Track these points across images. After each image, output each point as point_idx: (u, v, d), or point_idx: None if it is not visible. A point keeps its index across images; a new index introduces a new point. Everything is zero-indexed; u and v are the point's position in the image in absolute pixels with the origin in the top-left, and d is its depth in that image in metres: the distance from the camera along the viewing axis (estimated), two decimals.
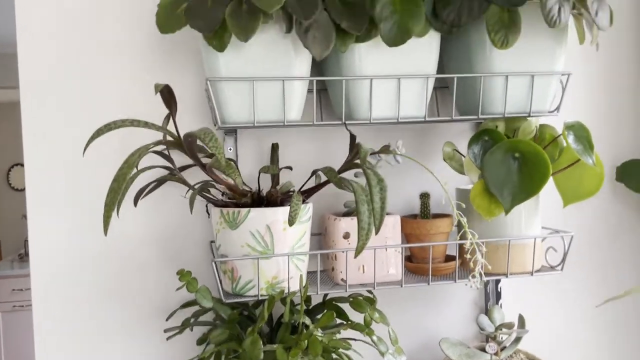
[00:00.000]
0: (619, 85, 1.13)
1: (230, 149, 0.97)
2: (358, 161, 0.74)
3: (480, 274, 0.86)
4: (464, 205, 0.92)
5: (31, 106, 0.91)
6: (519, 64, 0.87)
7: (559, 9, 0.77)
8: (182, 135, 0.71)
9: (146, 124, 0.69)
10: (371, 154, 0.77)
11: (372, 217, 0.69)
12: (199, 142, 0.79)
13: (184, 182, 0.84)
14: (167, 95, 0.70)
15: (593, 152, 0.84)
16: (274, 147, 0.95)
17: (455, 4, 0.80)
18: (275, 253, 0.81)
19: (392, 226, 0.90)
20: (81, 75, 0.92)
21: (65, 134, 0.92)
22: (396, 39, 0.78)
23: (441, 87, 1.04)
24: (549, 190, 0.95)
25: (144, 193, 0.86)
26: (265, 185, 0.94)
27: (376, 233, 0.71)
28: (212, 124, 0.93)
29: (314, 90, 0.84)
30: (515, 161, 0.82)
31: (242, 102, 0.81)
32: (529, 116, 0.90)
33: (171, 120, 0.75)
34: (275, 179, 0.93)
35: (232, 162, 0.68)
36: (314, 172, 0.82)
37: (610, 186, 1.13)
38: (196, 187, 0.84)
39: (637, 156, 1.12)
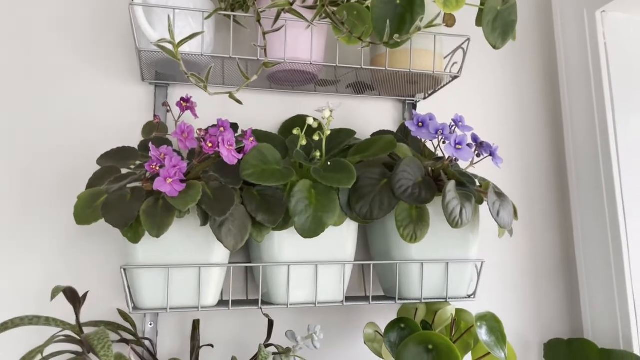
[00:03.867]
0: (542, 262, 1.18)
1: (151, 324, 0.95)
2: None
3: None
4: None
5: None
6: (434, 251, 0.91)
7: (461, 210, 0.82)
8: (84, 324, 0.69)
9: (47, 320, 0.68)
10: (274, 353, 0.76)
11: None
12: None
13: None
14: (70, 294, 0.70)
15: (505, 344, 0.85)
16: (195, 325, 0.93)
17: (367, 198, 0.85)
18: None
19: None
20: (8, 257, 0.92)
21: None
22: (310, 232, 0.81)
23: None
24: None
25: None
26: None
27: None
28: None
29: (231, 271, 0.85)
30: (429, 354, 0.82)
31: (157, 287, 0.81)
32: (446, 301, 0.92)
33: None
34: (194, 357, 0.90)
35: None
36: None
37: None
38: None
39: (562, 334, 1.13)
